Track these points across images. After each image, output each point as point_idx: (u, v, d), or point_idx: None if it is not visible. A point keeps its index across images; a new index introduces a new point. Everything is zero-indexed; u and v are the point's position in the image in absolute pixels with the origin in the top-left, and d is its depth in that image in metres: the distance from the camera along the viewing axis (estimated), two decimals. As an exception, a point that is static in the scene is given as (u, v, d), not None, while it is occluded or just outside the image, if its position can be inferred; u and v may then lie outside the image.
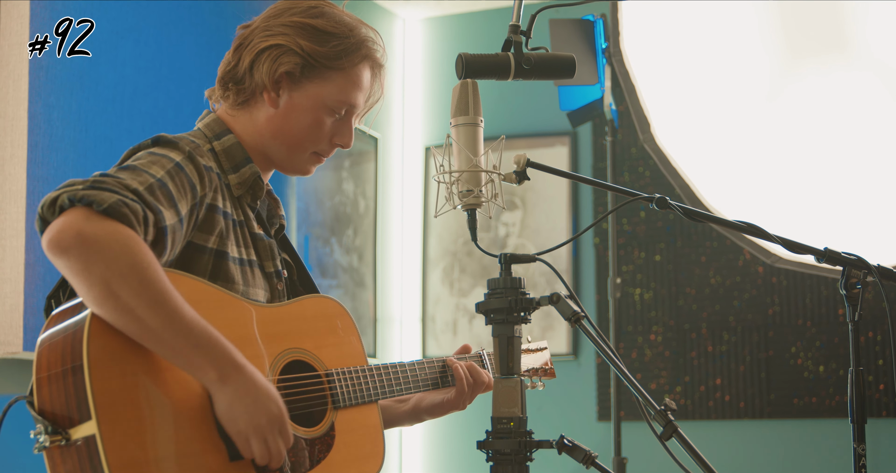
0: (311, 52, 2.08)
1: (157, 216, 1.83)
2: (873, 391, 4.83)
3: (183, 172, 1.93)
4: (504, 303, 1.97)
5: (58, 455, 1.73)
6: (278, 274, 2.12)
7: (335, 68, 2.10)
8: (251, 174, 2.11)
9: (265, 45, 2.09)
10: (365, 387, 2.13)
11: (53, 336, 1.76)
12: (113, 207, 1.74)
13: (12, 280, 3.50)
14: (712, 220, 2.12)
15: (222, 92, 2.14)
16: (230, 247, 2.02)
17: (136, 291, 1.72)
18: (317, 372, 2.06)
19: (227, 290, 1.97)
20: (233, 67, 2.12)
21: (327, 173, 5.17)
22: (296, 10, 2.12)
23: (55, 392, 1.73)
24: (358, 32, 2.14)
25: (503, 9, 5.61)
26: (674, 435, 1.84)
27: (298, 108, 2.11)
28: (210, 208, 1.99)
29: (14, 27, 3.57)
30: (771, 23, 4.53)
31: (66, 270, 1.73)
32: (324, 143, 2.17)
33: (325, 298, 2.16)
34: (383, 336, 5.47)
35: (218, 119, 2.15)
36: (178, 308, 1.76)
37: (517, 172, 2.06)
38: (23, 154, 3.56)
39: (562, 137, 5.47)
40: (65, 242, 1.71)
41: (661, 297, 5.21)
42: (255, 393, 1.82)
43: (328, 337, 2.11)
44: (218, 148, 2.10)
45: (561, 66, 2.07)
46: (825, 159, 4.46)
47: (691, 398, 5.09)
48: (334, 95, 2.12)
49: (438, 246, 5.63)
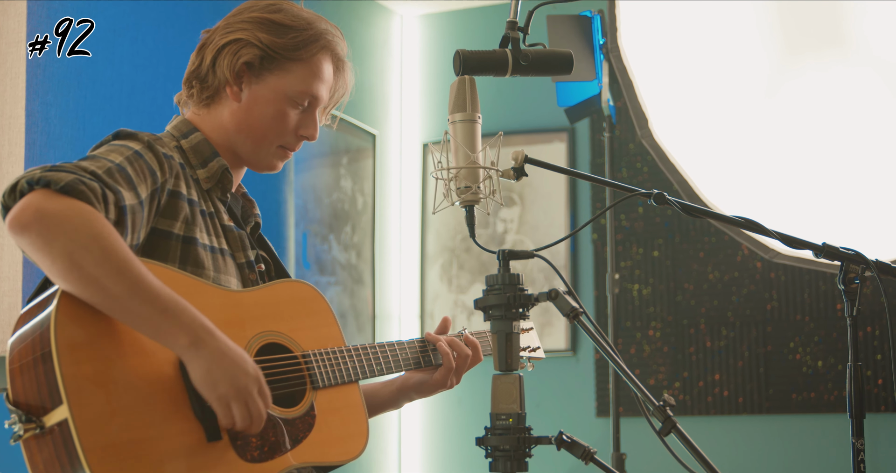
0: (269, 43, 2.13)
1: (117, 195, 1.85)
2: (872, 386, 4.84)
3: (142, 159, 1.97)
4: (502, 299, 1.97)
5: (34, 445, 1.74)
6: (250, 265, 2.14)
7: (294, 59, 2.15)
8: (219, 167, 2.14)
9: (225, 41, 2.15)
10: (344, 367, 2.13)
11: (23, 332, 1.78)
12: (70, 184, 1.77)
13: (10, 279, 3.50)
14: (710, 215, 2.12)
15: (187, 92, 2.20)
16: (199, 234, 2.04)
17: (98, 260, 1.74)
18: (293, 354, 2.06)
19: (198, 276, 1.98)
20: (196, 66, 2.19)
21: (325, 170, 5.17)
22: (255, 7, 2.19)
23: (27, 382, 1.74)
24: (316, 26, 2.19)
25: (500, 5, 5.60)
26: (672, 431, 1.85)
27: (261, 100, 2.15)
28: (172, 194, 2.01)
29: (11, 25, 3.57)
30: (769, 18, 4.53)
31: (29, 247, 1.76)
32: (289, 135, 2.20)
33: (298, 281, 2.17)
34: (382, 333, 5.47)
35: (185, 120, 2.20)
36: (143, 276, 1.78)
37: (515, 169, 2.06)
38: (20, 152, 3.56)
39: (559, 133, 5.47)
40: (24, 219, 1.74)
41: (660, 293, 5.22)
42: (232, 355, 1.83)
43: (303, 320, 2.12)
44: (185, 146, 2.14)
45: (558, 62, 2.07)
46: (823, 155, 4.46)
47: (690, 394, 5.10)
48: (295, 86, 2.16)
49: (437, 243, 5.63)
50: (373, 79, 5.58)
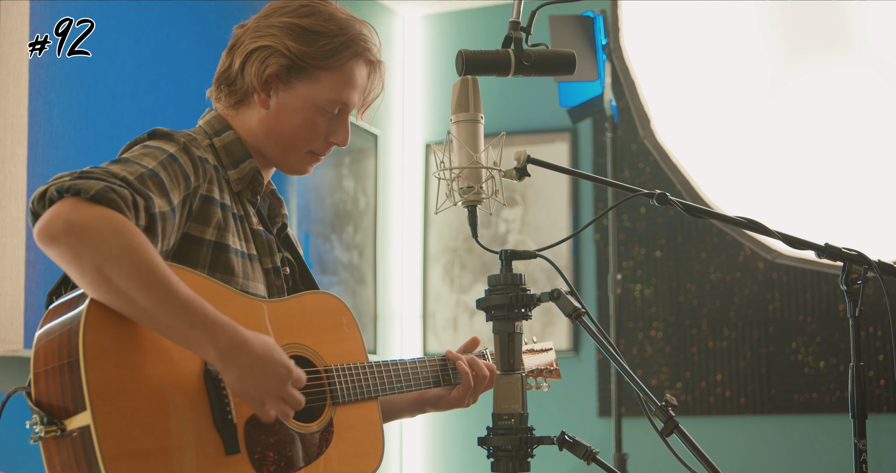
0: (298, 52, 2.07)
1: (148, 202, 1.83)
2: (874, 386, 4.84)
3: (177, 163, 1.94)
4: (505, 300, 1.97)
5: (53, 446, 1.74)
6: (276, 271, 2.12)
7: (324, 68, 2.10)
8: (250, 169, 2.11)
9: (254, 46, 2.09)
10: (365, 384, 2.12)
11: (50, 331, 1.77)
12: (100, 193, 1.75)
13: (13, 278, 3.50)
14: (713, 216, 2.12)
15: (217, 93, 2.15)
16: (231, 239, 2.02)
17: (127, 273, 1.73)
18: (316, 368, 2.05)
19: (227, 284, 1.98)
20: (226, 68, 2.13)
21: (327, 170, 5.17)
22: (287, 9, 2.12)
23: (52, 385, 1.74)
24: (349, 29, 2.12)
25: (503, 5, 5.61)
26: (675, 431, 1.84)
27: (289, 108, 2.11)
28: (205, 199, 1.99)
29: (14, 26, 3.57)
30: (771, 19, 4.53)
31: (58, 258, 1.74)
32: (318, 141, 2.16)
33: (325, 294, 2.15)
34: (384, 333, 5.47)
35: (218, 116, 2.15)
36: (172, 288, 1.76)
37: (517, 169, 2.06)
38: (23, 152, 3.56)
39: (562, 133, 5.47)
40: (53, 230, 1.72)
41: (662, 293, 5.21)
42: (262, 364, 1.83)
43: (328, 333, 2.11)
44: (217, 144, 2.11)
45: (561, 62, 2.07)
46: (825, 155, 4.46)
47: (692, 394, 5.09)
48: (325, 95, 2.11)
49: (439, 243, 5.63)
50: (375, 79, 5.58)
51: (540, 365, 2.56)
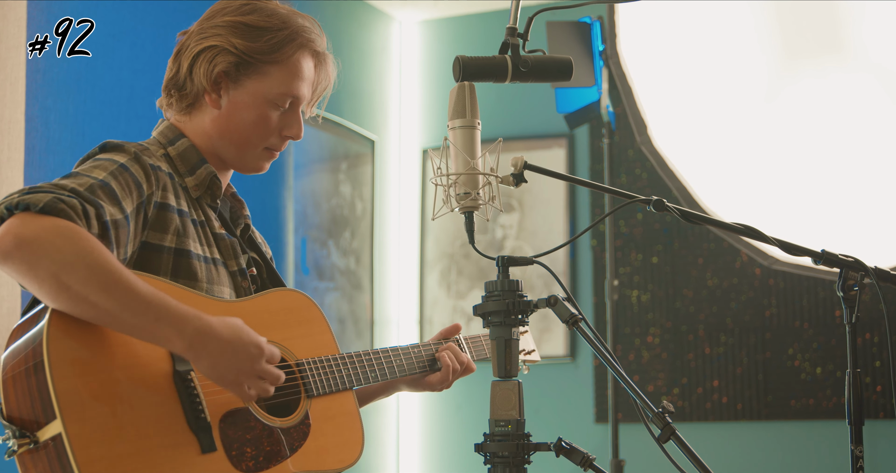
0: (244, 49, 2.10)
1: (99, 210, 1.84)
2: (870, 392, 4.83)
3: (127, 172, 1.95)
4: (502, 306, 1.97)
5: (29, 460, 1.73)
6: (242, 272, 2.13)
7: (271, 62, 2.12)
8: (207, 174, 2.13)
9: (200, 47, 2.12)
10: (338, 375, 2.13)
11: (16, 348, 1.77)
12: (49, 204, 1.76)
13: (9, 283, 3.50)
14: (709, 222, 2.12)
15: (167, 99, 2.17)
16: (191, 244, 2.03)
17: (85, 277, 1.73)
18: (287, 363, 2.06)
19: (190, 288, 1.98)
20: (174, 73, 2.16)
21: (324, 176, 5.17)
22: (228, 9, 2.15)
23: (20, 396, 1.73)
24: (291, 23, 2.15)
25: (500, 11, 5.61)
26: (671, 437, 1.84)
27: (240, 105, 2.13)
28: (161, 206, 2.00)
29: (11, 30, 3.57)
30: (768, 25, 4.53)
31: (15, 274, 1.75)
32: (273, 137, 2.18)
33: (290, 290, 2.17)
34: (380, 339, 5.46)
35: (171, 125, 2.17)
36: (132, 286, 1.77)
37: (514, 175, 2.06)
38: (20, 157, 3.56)
39: (559, 139, 5.47)
40: (5, 247, 1.73)
41: (659, 299, 5.21)
42: (231, 347, 1.83)
43: (296, 329, 2.11)
44: (173, 153, 2.12)
45: (558, 68, 2.07)
46: (822, 161, 4.47)
47: (689, 400, 5.09)
48: (275, 89, 2.13)
49: (435, 248, 5.63)
50: (372, 84, 5.58)
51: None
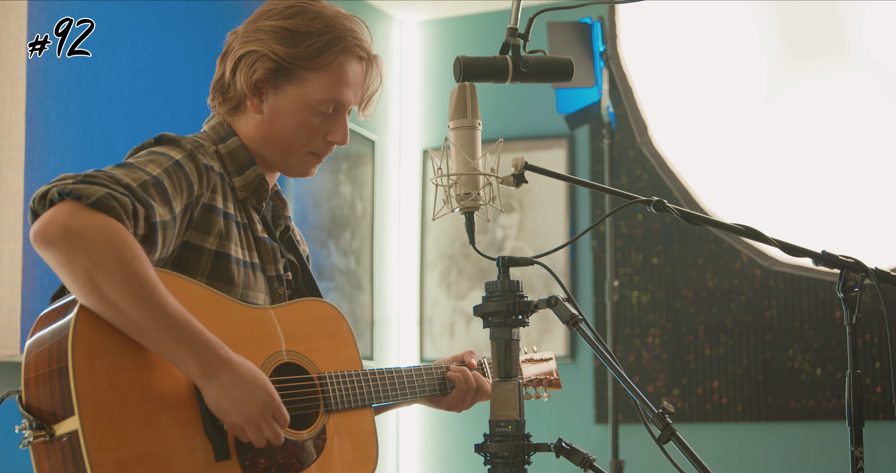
0: (284, 55, 2.06)
1: (149, 211, 1.83)
2: (871, 393, 4.83)
3: (182, 170, 1.94)
4: (502, 306, 1.97)
5: (42, 451, 1.73)
6: (279, 278, 2.12)
7: (312, 68, 2.08)
8: (255, 176, 2.11)
9: (242, 52, 2.08)
10: (359, 391, 2.11)
11: (41, 338, 1.77)
12: (101, 200, 1.75)
13: (9, 283, 3.50)
14: (710, 223, 2.12)
15: (213, 101, 2.15)
16: (232, 248, 2.01)
17: (118, 284, 1.73)
18: (309, 375, 2.05)
19: (224, 292, 1.97)
20: (220, 76, 2.13)
21: (324, 176, 5.17)
22: (273, 12, 2.11)
23: (41, 391, 1.74)
24: (336, 27, 2.10)
25: (501, 12, 5.61)
26: (671, 438, 1.84)
27: (282, 111, 2.10)
28: (207, 208, 1.98)
29: (11, 29, 3.57)
30: (768, 25, 4.53)
31: (52, 262, 1.74)
32: (317, 142, 2.15)
33: (320, 301, 2.14)
34: (380, 339, 5.46)
35: (223, 121, 2.15)
36: (162, 302, 1.76)
37: (515, 175, 2.06)
38: (20, 157, 3.56)
39: (559, 139, 5.47)
40: (49, 234, 1.72)
41: (659, 300, 5.21)
42: (243, 385, 1.83)
43: (321, 341, 2.10)
44: (223, 151, 2.10)
45: (558, 69, 2.06)
46: (823, 162, 4.46)
47: (689, 401, 5.09)
48: (317, 95, 2.10)
49: (436, 249, 5.63)
50: (373, 85, 5.58)
51: (539, 374, 2.54)
